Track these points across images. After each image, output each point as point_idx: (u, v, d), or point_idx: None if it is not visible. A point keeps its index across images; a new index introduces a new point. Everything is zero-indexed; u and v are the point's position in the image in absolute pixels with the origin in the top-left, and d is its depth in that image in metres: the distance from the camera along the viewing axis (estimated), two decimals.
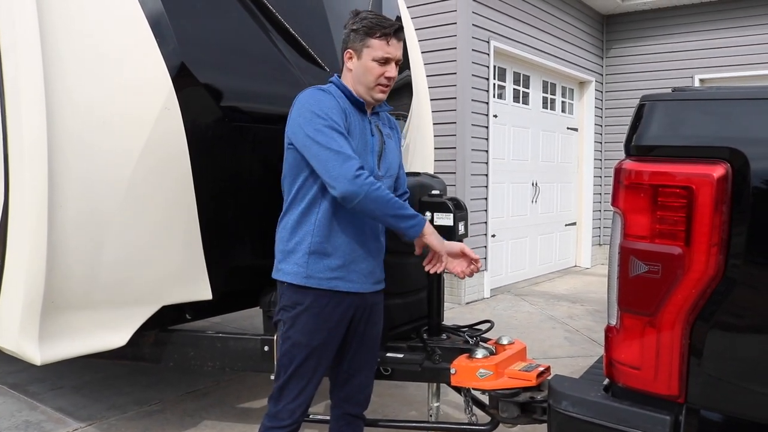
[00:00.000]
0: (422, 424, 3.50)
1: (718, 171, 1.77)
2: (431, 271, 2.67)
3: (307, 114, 2.45)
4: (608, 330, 2.04)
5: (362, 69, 2.54)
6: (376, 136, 2.63)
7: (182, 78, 3.02)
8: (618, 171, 1.96)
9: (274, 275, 2.64)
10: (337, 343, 2.64)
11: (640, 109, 1.96)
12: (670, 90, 2.12)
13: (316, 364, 2.59)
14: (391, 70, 2.54)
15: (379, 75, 2.53)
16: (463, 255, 2.62)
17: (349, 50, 2.58)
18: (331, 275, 2.54)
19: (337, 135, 2.42)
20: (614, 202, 1.97)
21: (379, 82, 2.54)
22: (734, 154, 1.76)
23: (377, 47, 2.51)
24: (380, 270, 2.73)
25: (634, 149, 1.95)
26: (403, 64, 4.27)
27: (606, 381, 2.09)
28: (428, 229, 2.51)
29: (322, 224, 2.52)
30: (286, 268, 2.58)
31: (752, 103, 1.82)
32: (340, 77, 2.65)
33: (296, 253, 2.56)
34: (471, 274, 2.64)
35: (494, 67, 8.04)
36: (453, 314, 6.86)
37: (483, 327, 3.36)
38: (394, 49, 2.53)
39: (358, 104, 2.59)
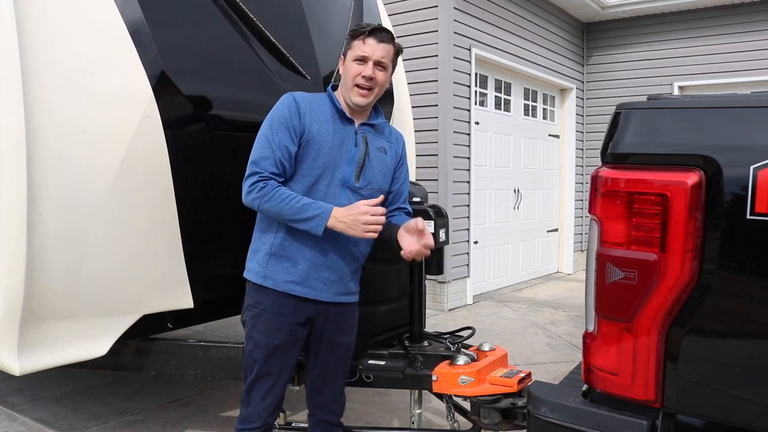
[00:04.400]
0: None
1: (692, 178, 1.79)
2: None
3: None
4: (586, 336, 2.06)
5: (344, 71, 2.63)
6: (360, 146, 2.63)
7: (163, 86, 3.02)
8: (594, 178, 1.98)
9: (244, 273, 2.69)
10: (299, 345, 2.66)
11: (616, 117, 1.99)
12: (646, 98, 2.15)
13: (280, 365, 2.61)
14: (368, 69, 2.56)
15: (355, 74, 2.57)
16: (417, 231, 2.54)
17: (341, 57, 2.68)
18: (289, 278, 2.57)
19: (263, 141, 2.54)
20: (591, 210, 2.00)
21: (356, 82, 2.57)
22: (707, 162, 1.79)
23: (356, 47, 2.59)
24: (350, 282, 2.70)
25: (610, 157, 1.98)
26: None
27: (584, 387, 2.11)
28: (331, 221, 2.45)
29: (285, 227, 2.56)
30: (249, 266, 2.67)
31: (724, 112, 1.85)
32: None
33: (259, 253, 2.64)
34: (418, 256, 2.54)
35: (476, 74, 8.08)
36: (436, 321, 6.88)
37: (464, 334, 3.38)
38: (370, 49, 2.56)
39: (340, 112, 2.63)
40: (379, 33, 2.59)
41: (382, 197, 2.56)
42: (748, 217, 1.73)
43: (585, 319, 2.08)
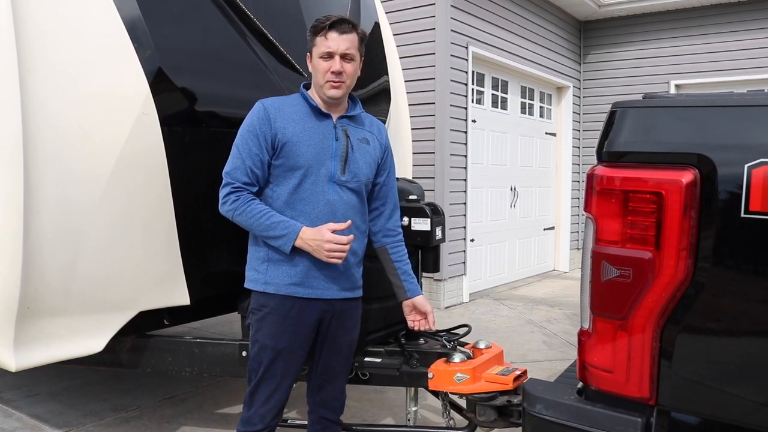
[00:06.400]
0: (400, 429, 3.51)
1: (686, 177, 1.80)
2: None
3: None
4: (581, 334, 2.07)
5: (313, 69, 2.62)
6: (341, 140, 2.63)
7: (160, 83, 3.02)
8: (590, 177, 1.99)
9: (245, 284, 2.70)
10: (306, 346, 2.65)
11: (612, 115, 2.00)
12: (641, 96, 2.16)
13: (285, 368, 2.60)
14: (336, 65, 2.55)
15: (325, 71, 2.56)
16: (423, 313, 2.84)
17: (307, 54, 2.67)
18: (290, 281, 2.57)
19: (235, 152, 2.58)
20: (586, 208, 2.00)
21: (327, 78, 2.56)
22: (702, 160, 1.80)
23: (319, 44, 2.58)
24: (353, 275, 2.71)
25: (606, 155, 1.98)
26: (381, 70, 4.32)
27: (579, 384, 2.11)
28: (299, 242, 2.50)
29: None
30: (249, 275, 2.67)
31: (719, 110, 1.86)
32: None
33: (256, 261, 2.64)
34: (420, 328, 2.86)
35: (473, 72, 8.08)
36: None
37: (460, 331, 3.38)
38: (334, 43, 2.55)
39: (315, 109, 2.63)
40: (340, 25, 2.57)
41: (350, 222, 2.55)
42: (742, 215, 1.74)
43: (580, 317, 2.09)
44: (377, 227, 2.83)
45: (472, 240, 8.25)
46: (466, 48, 7.85)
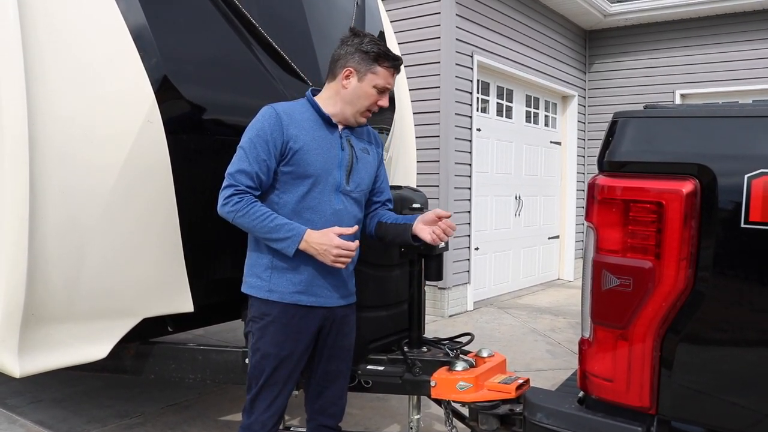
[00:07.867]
0: None
1: (687, 187, 1.81)
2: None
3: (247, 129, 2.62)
4: (582, 343, 2.07)
5: (360, 92, 2.60)
6: (346, 150, 2.65)
7: (165, 91, 3.03)
8: (591, 186, 2.00)
9: (242, 288, 2.70)
10: (307, 353, 2.67)
11: (613, 125, 2.01)
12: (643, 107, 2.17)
13: (287, 375, 2.61)
14: (385, 100, 2.63)
15: (373, 102, 2.61)
16: (437, 219, 2.61)
17: (350, 68, 2.59)
18: (294, 289, 2.58)
19: (242, 154, 2.55)
20: (588, 217, 2.01)
21: (370, 108, 2.62)
22: (702, 170, 1.81)
23: (382, 76, 2.59)
24: (350, 282, 2.75)
25: (607, 165, 2.00)
26: None
27: (580, 393, 2.12)
28: (303, 245, 2.49)
29: None
30: (250, 281, 2.66)
31: (719, 121, 1.87)
32: (319, 90, 2.72)
33: (258, 267, 2.64)
34: (441, 238, 2.60)
35: (478, 81, 8.10)
36: (436, 327, 6.88)
37: (463, 339, 3.38)
38: (393, 81, 2.64)
39: (326, 119, 2.64)
40: (401, 66, 2.67)
41: (356, 227, 2.58)
42: (742, 225, 1.75)
43: (581, 326, 2.09)
44: (377, 217, 2.87)
45: (477, 248, 8.25)
46: (471, 57, 7.87)
